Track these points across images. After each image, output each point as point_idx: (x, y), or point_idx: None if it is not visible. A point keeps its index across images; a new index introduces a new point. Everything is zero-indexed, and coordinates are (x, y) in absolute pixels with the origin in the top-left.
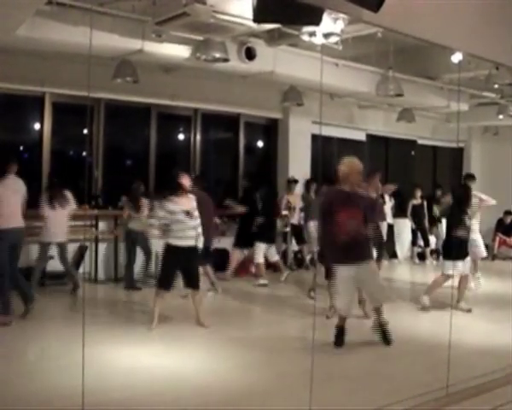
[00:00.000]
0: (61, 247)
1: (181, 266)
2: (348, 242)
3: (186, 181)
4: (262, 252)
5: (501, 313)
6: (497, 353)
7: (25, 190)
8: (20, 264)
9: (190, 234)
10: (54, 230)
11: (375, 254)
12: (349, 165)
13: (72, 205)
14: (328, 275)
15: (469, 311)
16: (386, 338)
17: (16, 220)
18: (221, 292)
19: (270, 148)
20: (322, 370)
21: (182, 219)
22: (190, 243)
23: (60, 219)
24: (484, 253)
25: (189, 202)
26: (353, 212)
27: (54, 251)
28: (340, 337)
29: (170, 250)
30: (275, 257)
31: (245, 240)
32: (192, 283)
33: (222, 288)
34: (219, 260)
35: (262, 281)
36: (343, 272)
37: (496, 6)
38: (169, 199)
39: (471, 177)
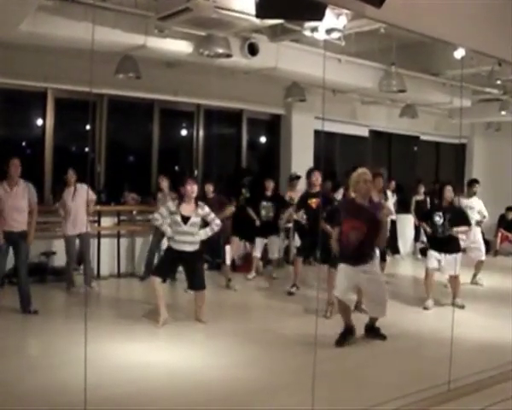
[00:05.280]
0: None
1: (183, 266)
2: (351, 248)
3: (193, 187)
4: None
5: (502, 309)
6: (498, 349)
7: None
8: None
9: (187, 239)
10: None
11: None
12: (358, 176)
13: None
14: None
15: (462, 307)
16: (380, 334)
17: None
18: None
19: (272, 143)
20: (323, 366)
21: (179, 222)
22: (188, 248)
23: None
24: (482, 256)
25: (191, 209)
26: (357, 223)
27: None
28: (343, 338)
29: (171, 249)
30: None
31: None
32: (195, 284)
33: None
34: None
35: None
36: (344, 267)
37: (499, 2)
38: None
39: (475, 181)
